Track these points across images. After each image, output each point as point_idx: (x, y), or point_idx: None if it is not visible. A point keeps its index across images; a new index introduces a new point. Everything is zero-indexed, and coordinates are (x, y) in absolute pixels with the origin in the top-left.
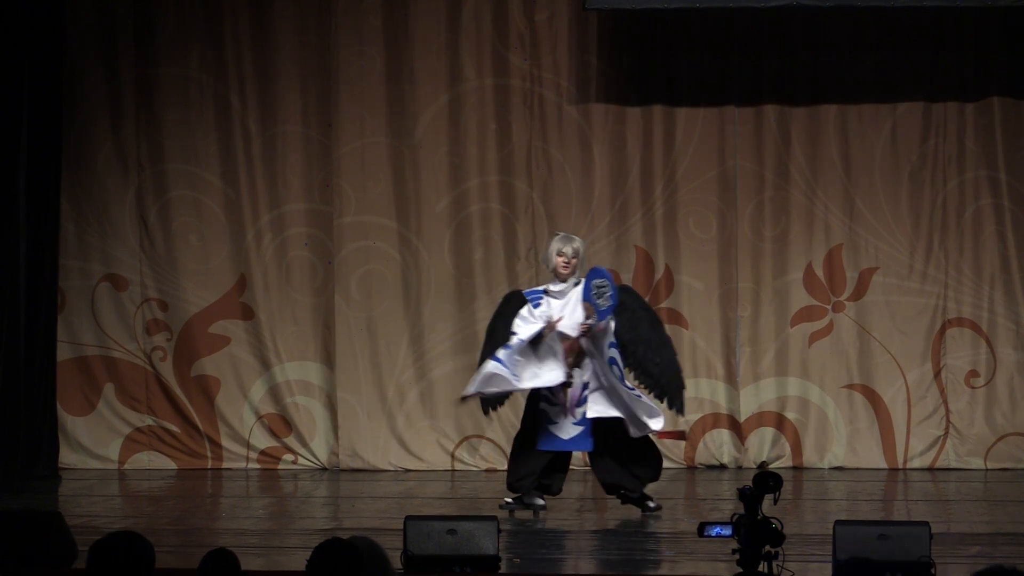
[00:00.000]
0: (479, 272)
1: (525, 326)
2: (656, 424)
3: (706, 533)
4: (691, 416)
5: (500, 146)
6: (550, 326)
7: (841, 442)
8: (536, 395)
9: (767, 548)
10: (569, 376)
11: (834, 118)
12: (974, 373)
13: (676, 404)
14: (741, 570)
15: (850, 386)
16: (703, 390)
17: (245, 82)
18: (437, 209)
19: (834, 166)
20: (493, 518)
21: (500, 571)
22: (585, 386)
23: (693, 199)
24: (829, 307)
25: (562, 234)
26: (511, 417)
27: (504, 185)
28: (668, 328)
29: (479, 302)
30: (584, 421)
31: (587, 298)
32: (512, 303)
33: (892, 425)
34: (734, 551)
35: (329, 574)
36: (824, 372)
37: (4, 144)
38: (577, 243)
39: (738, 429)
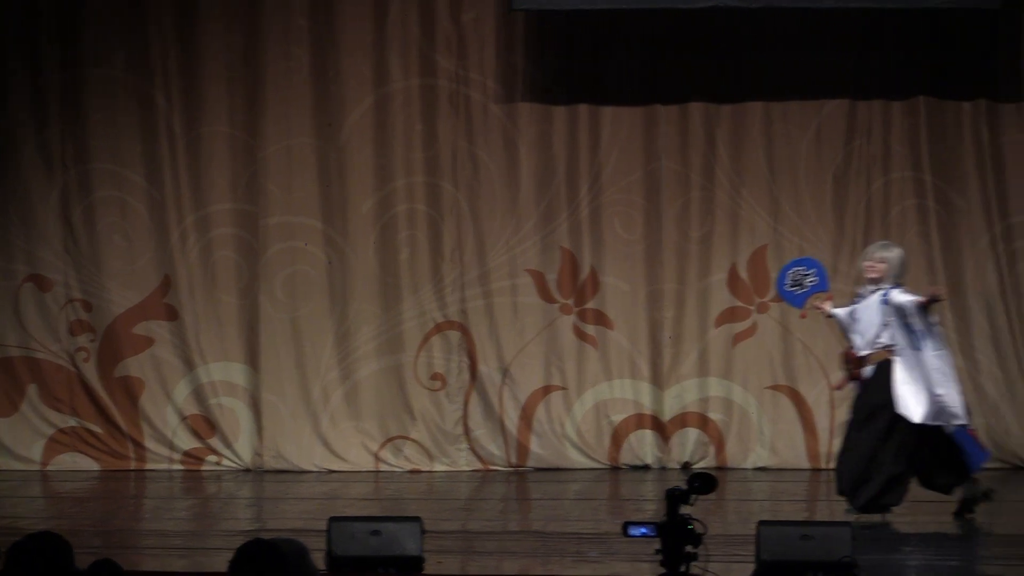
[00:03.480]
0: (404, 272)
1: None
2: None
3: (629, 533)
4: (615, 416)
5: (426, 147)
6: None
7: (764, 442)
8: None
9: (689, 548)
10: None
11: (759, 118)
12: None
13: None
14: (664, 571)
15: (774, 387)
16: (628, 391)
17: (171, 82)
18: (363, 209)
19: (759, 167)
20: (417, 519)
21: (423, 572)
22: None
23: (619, 200)
24: (753, 308)
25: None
26: (435, 418)
27: (430, 186)
28: (592, 329)
29: (405, 303)
30: None
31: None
32: None
33: (815, 426)
34: (657, 551)
35: (252, 575)
36: (748, 373)
37: None
38: (879, 250)
39: (662, 430)
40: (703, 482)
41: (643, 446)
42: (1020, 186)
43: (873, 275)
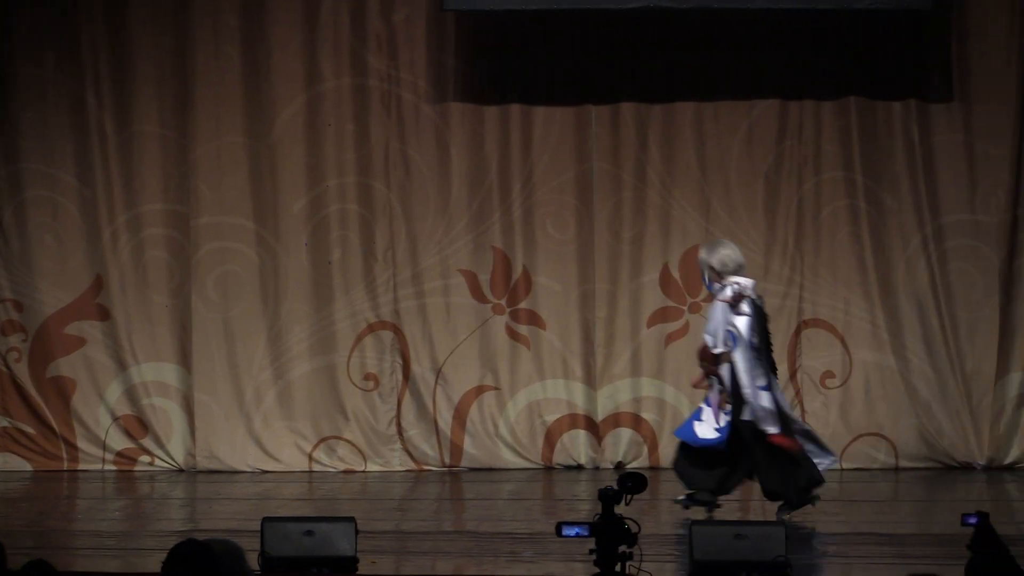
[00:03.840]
0: (337, 273)
1: None
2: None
3: (564, 533)
4: (548, 416)
5: (358, 146)
6: None
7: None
8: None
9: (623, 548)
10: None
11: (690, 118)
12: (829, 374)
13: None
14: (598, 570)
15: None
16: (560, 391)
17: (101, 82)
18: (295, 209)
19: (690, 167)
20: (351, 519)
21: (357, 572)
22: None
23: (551, 200)
24: (685, 308)
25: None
26: (368, 418)
27: (362, 186)
28: (525, 329)
29: (337, 303)
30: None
31: None
32: None
33: None
34: (591, 551)
35: (185, 575)
36: (680, 373)
37: None
38: (702, 254)
39: (595, 429)
40: (635, 482)
41: (576, 446)
42: (951, 186)
43: (716, 282)
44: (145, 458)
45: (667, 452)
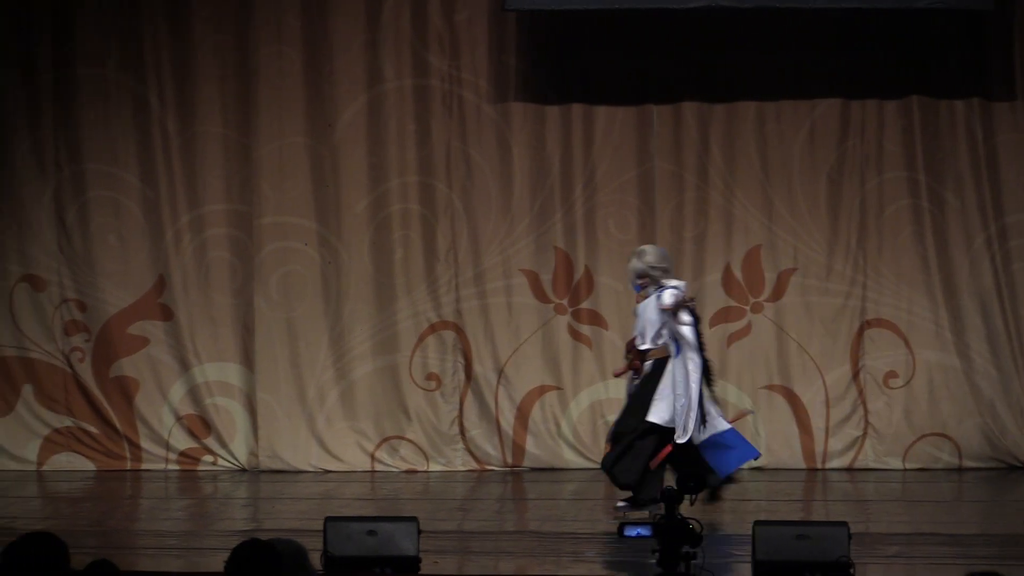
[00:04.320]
0: (399, 272)
1: None
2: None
3: (626, 534)
4: (611, 416)
5: (419, 146)
6: None
7: (760, 443)
8: None
9: (686, 548)
10: None
11: (753, 118)
12: (892, 374)
13: None
14: (661, 571)
15: (769, 387)
16: (623, 391)
17: (163, 82)
18: (357, 210)
19: (752, 166)
20: (413, 519)
21: (420, 572)
22: None
23: (613, 200)
24: (747, 308)
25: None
26: (431, 418)
27: (423, 186)
28: (587, 329)
29: (399, 303)
30: None
31: None
32: None
33: (811, 426)
34: (654, 552)
35: (247, 575)
36: (742, 373)
37: None
38: (632, 260)
39: None
40: (696, 482)
41: None
42: (1014, 185)
43: (644, 287)
44: (208, 458)
45: None
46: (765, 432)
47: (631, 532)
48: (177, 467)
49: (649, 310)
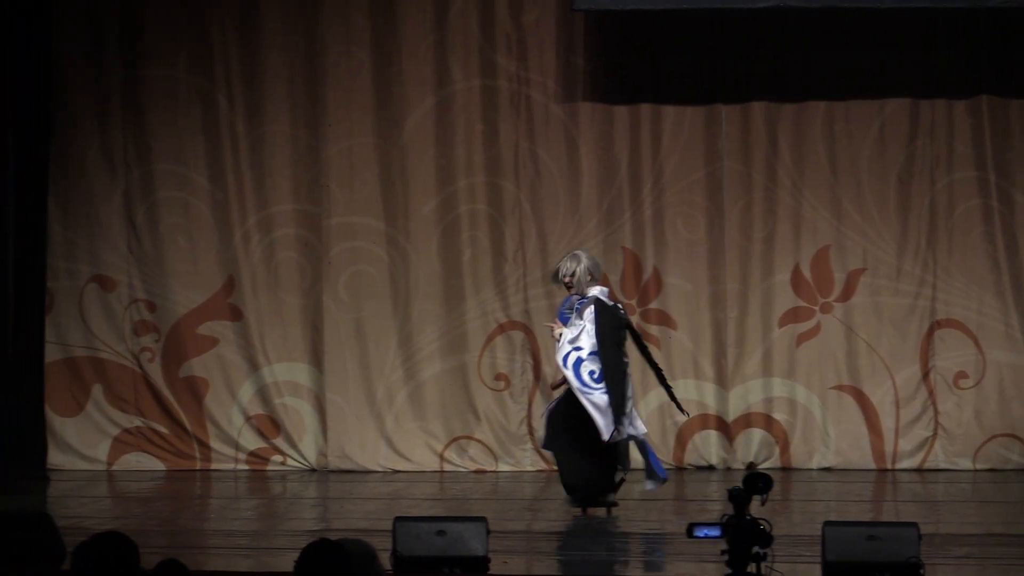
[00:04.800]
0: (467, 273)
1: None
2: None
3: (695, 534)
4: (680, 417)
5: (487, 147)
6: None
7: (829, 443)
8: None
9: (756, 549)
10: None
11: (821, 117)
12: (963, 374)
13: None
14: (730, 571)
15: (838, 387)
16: (691, 391)
17: (232, 82)
18: (425, 210)
19: (821, 166)
20: (483, 519)
21: (489, 572)
22: None
23: (681, 200)
24: (817, 308)
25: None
26: (500, 418)
27: (492, 186)
28: (656, 329)
29: (467, 303)
30: None
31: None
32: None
33: (880, 426)
34: (723, 552)
35: (317, 575)
36: (811, 373)
37: None
38: (567, 261)
39: (726, 430)
40: (764, 482)
41: (708, 447)
42: None
43: (572, 290)
44: (277, 458)
45: (799, 453)
46: (835, 433)
47: (700, 532)
48: (246, 467)
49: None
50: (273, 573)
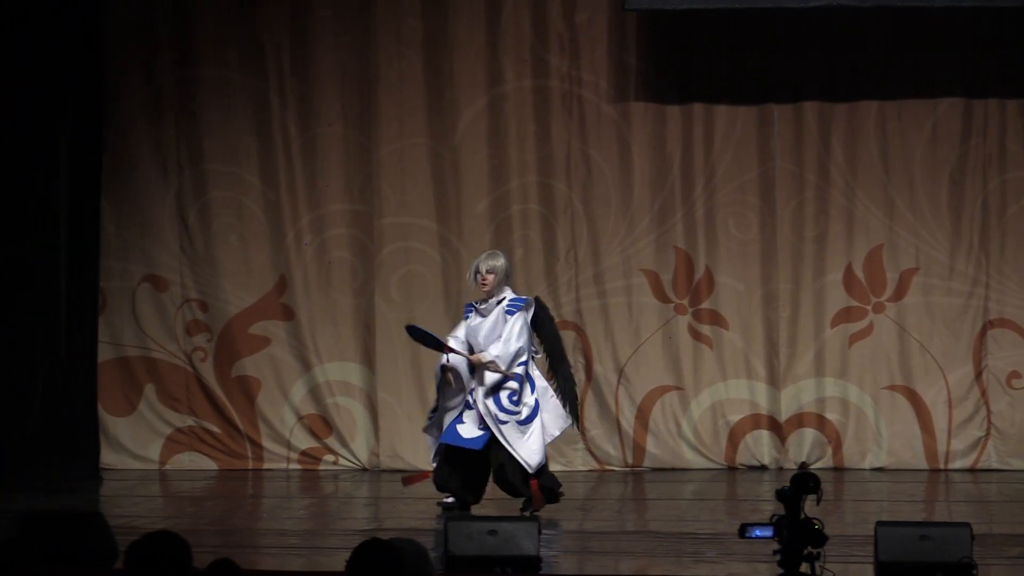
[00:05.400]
0: (519, 273)
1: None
2: None
3: (747, 534)
4: (732, 417)
5: (539, 147)
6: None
7: (882, 443)
8: None
9: (809, 549)
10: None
11: (874, 117)
12: (1016, 374)
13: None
14: (782, 571)
15: (891, 387)
16: (743, 391)
17: (285, 83)
18: (477, 210)
19: (874, 166)
20: (534, 519)
21: (541, 571)
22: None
23: (733, 199)
24: (869, 308)
25: (488, 252)
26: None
27: (543, 186)
28: (707, 329)
29: None
30: None
31: None
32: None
33: (933, 426)
34: (775, 552)
35: (369, 575)
36: (864, 373)
37: (45, 146)
38: (489, 260)
39: (779, 430)
40: (814, 482)
41: (760, 446)
42: None
43: (486, 287)
44: (329, 457)
45: (852, 453)
46: (887, 433)
47: (753, 533)
48: (298, 466)
49: (498, 322)
50: (325, 572)
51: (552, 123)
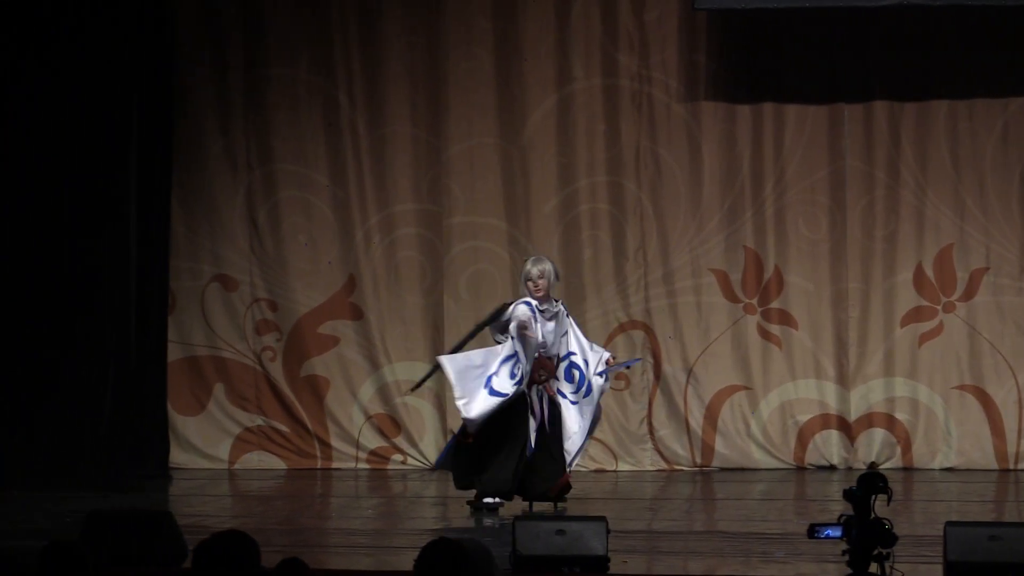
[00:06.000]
0: (588, 272)
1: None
2: None
3: (816, 534)
4: (801, 416)
5: (609, 146)
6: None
7: (952, 443)
8: None
9: (879, 549)
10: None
11: (944, 116)
12: None
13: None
14: (851, 571)
15: (961, 387)
16: (812, 391)
17: (354, 82)
18: (546, 209)
19: (944, 165)
20: (602, 519)
21: (609, 571)
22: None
23: (803, 199)
24: (939, 307)
25: (532, 257)
26: (620, 417)
27: (613, 185)
28: (777, 329)
29: (588, 302)
30: None
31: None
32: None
33: (1003, 426)
34: (844, 552)
35: (437, 574)
36: (934, 373)
37: (115, 146)
38: (542, 265)
39: (848, 430)
40: (883, 481)
41: (829, 446)
42: None
43: (540, 292)
44: (397, 457)
45: (921, 453)
46: (956, 433)
47: (822, 533)
48: (367, 466)
49: (564, 325)
50: (393, 572)
51: (621, 122)
